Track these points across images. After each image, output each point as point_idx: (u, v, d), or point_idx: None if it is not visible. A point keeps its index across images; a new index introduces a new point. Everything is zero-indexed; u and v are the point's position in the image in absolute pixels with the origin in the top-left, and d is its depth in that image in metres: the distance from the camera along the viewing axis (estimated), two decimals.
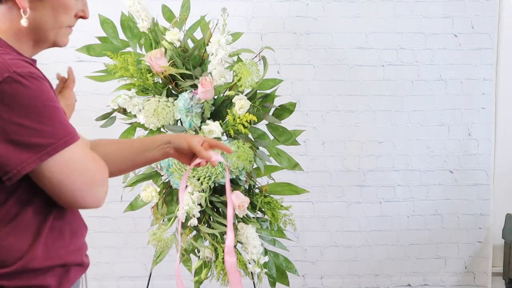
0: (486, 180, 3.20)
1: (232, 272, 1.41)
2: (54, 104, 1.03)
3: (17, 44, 1.11)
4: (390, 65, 3.11)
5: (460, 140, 3.18)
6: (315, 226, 3.19)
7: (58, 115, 1.03)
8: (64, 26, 1.14)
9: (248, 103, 2.11)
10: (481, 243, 3.24)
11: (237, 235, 2.19)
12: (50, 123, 1.01)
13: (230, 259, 1.40)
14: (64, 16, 1.13)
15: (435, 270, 3.26)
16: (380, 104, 3.12)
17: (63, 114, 1.05)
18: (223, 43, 2.09)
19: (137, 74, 2.14)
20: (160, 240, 2.15)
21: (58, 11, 1.11)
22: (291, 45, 3.06)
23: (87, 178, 1.07)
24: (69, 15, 1.14)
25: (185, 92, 2.13)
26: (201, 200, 2.14)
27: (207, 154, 1.37)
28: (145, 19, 2.17)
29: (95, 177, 1.08)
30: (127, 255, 3.14)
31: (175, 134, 1.42)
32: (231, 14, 2.21)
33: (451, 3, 3.08)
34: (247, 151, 2.12)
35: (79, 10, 1.17)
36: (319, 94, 3.10)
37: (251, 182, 2.24)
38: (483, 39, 3.11)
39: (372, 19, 3.07)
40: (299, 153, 3.04)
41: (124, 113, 2.23)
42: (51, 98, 1.03)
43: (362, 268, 3.24)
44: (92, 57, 2.34)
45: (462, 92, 3.14)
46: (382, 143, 3.16)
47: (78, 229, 1.18)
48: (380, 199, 3.19)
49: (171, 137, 1.39)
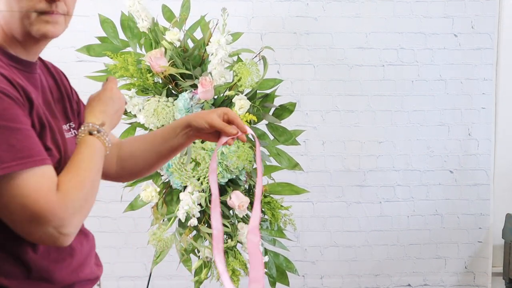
0: (486, 180, 3.20)
1: (254, 253, 1.26)
2: (6, 124, 0.94)
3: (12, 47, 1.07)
4: (390, 65, 3.11)
5: (460, 140, 3.17)
6: (315, 226, 3.19)
7: (9, 137, 0.94)
8: (29, 11, 1.03)
9: (248, 103, 2.11)
10: (481, 243, 3.24)
11: (237, 235, 2.19)
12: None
13: (254, 238, 1.26)
14: (22, 0, 1.02)
15: (435, 270, 3.26)
16: (380, 104, 3.12)
17: (19, 135, 0.95)
18: (223, 43, 2.09)
19: (137, 74, 2.14)
20: (160, 240, 2.15)
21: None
22: (291, 45, 3.06)
23: (28, 212, 0.95)
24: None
25: (185, 92, 2.13)
26: (201, 200, 2.14)
27: (232, 130, 1.23)
28: (145, 19, 2.17)
29: (38, 214, 0.95)
30: (127, 255, 3.14)
31: (193, 114, 1.30)
32: (231, 14, 2.21)
33: (451, 3, 3.08)
34: (247, 151, 2.12)
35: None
36: (319, 94, 3.10)
37: (251, 182, 2.24)
38: (483, 39, 3.11)
39: (372, 19, 3.07)
40: (299, 153, 3.03)
41: (124, 113, 2.23)
42: (7, 117, 0.94)
43: (362, 268, 3.23)
44: (92, 57, 2.34)
45: (462, 92, 3.14)
46: (382, 143, 3.16)
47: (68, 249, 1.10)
48: (380, 199, 3.19)
49: (189, 119, 1.28)
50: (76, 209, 0.99)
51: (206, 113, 1.27)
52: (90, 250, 1.20)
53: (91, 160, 1.07)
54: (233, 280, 2.16)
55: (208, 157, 2.11)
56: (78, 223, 1.01)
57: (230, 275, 2.15)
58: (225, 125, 1.24)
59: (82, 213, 1.02)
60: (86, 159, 1.07)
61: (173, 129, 1.31)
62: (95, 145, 1.10)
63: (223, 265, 1.27)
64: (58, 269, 1.09)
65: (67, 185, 1.00)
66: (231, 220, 2.19)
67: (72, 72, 2.99)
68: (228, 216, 2.20)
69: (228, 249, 2.18)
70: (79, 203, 1.00)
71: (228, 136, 1.24)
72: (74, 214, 0.99)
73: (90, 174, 1.05)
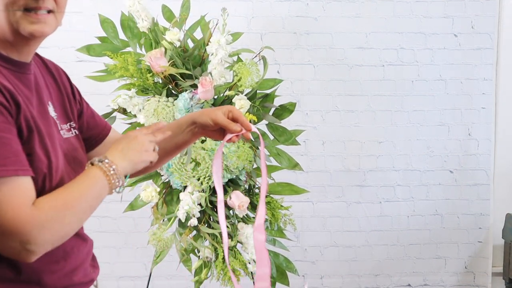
0: (486, 180, 3.20)
1: (260, 251, 1.28)
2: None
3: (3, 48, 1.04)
4: (390, 65, 3.11)
5: (460, 140, 3.18)
6: (315, 226, 3.19)
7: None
8: (14, 9, 1.01)
9: (248, 103, 2.11)
10: (481, 243, 3.24)
11: (236, 235, 2.19)
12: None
13: (259, 236, 1.27)
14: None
15: (435, 270, 3.26)
16: (380, 104, 3.12)
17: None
18: (223, 43, 2.09)
19: (137, 74, 2.14)
20: (160, 240, 2.15)
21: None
22: (291, 45, 3.06)
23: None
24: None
25: (185, 92, 2.13)
26: (201, 200, 2.14)
27: (236, 127, 1.24)
28: (145, 19, 2.17)
29: (4, 226, 0.93)
30: (127, 255, 3.14)
31: (198, 112, 1.31)
32: (231, 14, 2.21)
33: (451, 3, 3.08)
34: (247, 151, 2.12)
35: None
36: (319, 94, 3.10)
37: (251, 182, 2.25)
38: (483, 39, 3.11)
39: (372, 19, 3.07)
40: (299, 153, 3.04)
41: (124, 113, 2.23)
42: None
43: (362, 268, 3.23)
44: (92, 57, 2.34)
45: (462, 92, 3.14)
46: (382, 143, 3.16)
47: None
48: (380, 199, 3.19)
49: (194, 116, 1.29)
50: (46, 228, 0.96)
51: (211, 110, 1.27)
52: (87, 254, 1.19)
53: (83, 188, 1.04)
54: None
55: (208, 157, 2.11)
56: (46, 244, 0.97)
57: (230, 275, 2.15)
58: (230, 122, 1.24)
59: (54, 235, 0.98)
60: (78, 186, 1.04)
61: (179, 126, 1.31)
62: (95, 176, 1.06)
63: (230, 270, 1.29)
64: (49, 272, 1.07)
65: (45, 204, 0.98)
66: (231, 220, 2.19)
67: (72, 72, 2.99)
68: (228, 216, 2.20)
69: (228, 249, 2.18)
70: (51, 225, 0.97)
71: (232, 134, 1.24)
72: (44, 234, 0.96)
73: (76, 201, 1.02)
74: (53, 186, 1.04)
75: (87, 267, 1.18)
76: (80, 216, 1.03)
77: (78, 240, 1.15)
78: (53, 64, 1.25)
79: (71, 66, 2.98)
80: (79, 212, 1.03)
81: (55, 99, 1.18)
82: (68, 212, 1.00)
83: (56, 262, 1.09)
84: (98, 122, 1.34)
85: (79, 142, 1.22)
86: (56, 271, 1.09)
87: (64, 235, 1.01)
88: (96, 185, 1.06)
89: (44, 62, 1.22)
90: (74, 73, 3.19)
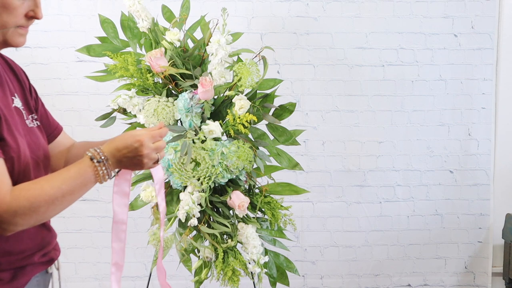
0: (486, 180, 3.21)
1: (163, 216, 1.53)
2: None
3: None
4: (390, 65, 3.11)
5: (460, 140, 3.18)
6: (315, 226, 3.19)
7: None
8: (10, 26, 1.12)
9: (248, 103, 2.11)
10: (481, 243, 3.24)
11: (236, 235, 2.19)
12: None
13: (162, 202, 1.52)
14: (7, 16, 1.11)
15: (435, 270, 3.26)
16: (380, 104, 3.12)
17: None
18: (223, 43, 2.09)
19: (137, 74, 2.14)
20: (160, 240, 2.15)
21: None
22: (291, 45, 3.06)
23: None
24: (13, 16, 1.11)
25: (185, 92, 2.13)
26: (201, 200, 2.14)
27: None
28: (145, 19, 2.17)
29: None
30: (127, 255, 3.10)
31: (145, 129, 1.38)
32: (231, 14, 2.21)
33: (451, 3, 3.08)
34: (247, 151, 2.12)
35: (29, 10, 1.14)
36: (319, 94, 3.10)
37: (251, 182, 2.24)
38: (483, 39, 3.11)
39: (372, 19, 3.07)
40: (299, 153, 3.04)
41: (124, 113, 2.23)
42: None
43: (362, 268, 3.24)
44: (92, 57, 2.34)
45: (462, 92, 3.14)
46: (382, 143, 3.16)
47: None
48: (380, 199, 3.19)
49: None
50: (18, 215, 1.06)
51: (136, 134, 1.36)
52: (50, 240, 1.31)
53: (67, 181, 1.12)
54: (233, 280, 2.16)
55: (208, 157, 2.11)
56: (18, 226, 1.08)
57: (230, 275, 2.15)
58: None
59: (27, 219, 1.08)
60: (63, 178, 1.13)
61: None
62: (85, 172, 1.15)
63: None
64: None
65: (21, 192, 1.07)
66: (231, 220, 2.19)
67: (72, 72, 3.02)
68: (228, 216, 2.20)
69: (228, 249, 2.18)
70: (23, 211, 1.06)
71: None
72: (15, 219, 1.06)
73: (53, 192, 1.10)
74: (20, 170, 1.13)
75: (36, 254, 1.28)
76: (57, 204, 1.12)
77: (43, 230, 1.27)
78: (12, 61, 1.33)
79: (71, 66, 3.00)
80: (57, 202, 1.11)
81: (19, 92, 1.27)
82: (44, 201, 1.09)
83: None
84: (51, 122, 1.42)
85: (41, 132, 1.31)
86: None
87: (41, 219, 1.11)
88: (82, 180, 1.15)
89: (5, 60, 1.30)
90: (74, 73, 3.21)
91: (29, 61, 2.89)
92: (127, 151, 1.20)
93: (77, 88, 3.02)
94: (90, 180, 1.16)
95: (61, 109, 2.99)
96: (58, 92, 2.98)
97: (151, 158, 1.24)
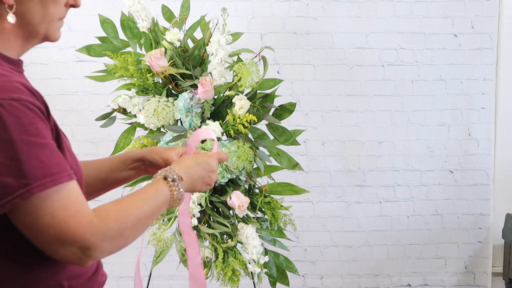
0: (486, 180, 3.20)
1: (186, 233, 1.40)
2: (34, 139, 0.90)
3: (2, 45, 1.00)
4: (390, 65, 3.11)
5: (460, 140, 3.18)
6: (315, 226, 3.19)
7: (38, 153, 0.90)
8: (56, 18, 1.04)
9: (248, 103, 2.11)
10: (481, 243, 3.24)
11: (236, 235, 2.19)
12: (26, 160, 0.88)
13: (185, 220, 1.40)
14: (54, 7, 1.02)
15: (435, 270, 3.26)
16: (380, 104, 3.12)
17: (46, 151, 0.92)
18: (223, 43, 2.09)
19: (137, 74, 2.14)
20: (160, 240, 2.15)
21: (47, 2, 1.01)
22: (291, 45, 3.06)
23: (53, 232, 0.92)
24: (59, 6, 1.03)
25: (185, 92, 2.13)
26: (201, 200, 2.14)
27: None
28: (145, 19, 2.17)
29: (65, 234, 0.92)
30: (127, 255, 3.12)
31: (147, 149, 1.31)
32: (231, 14, 2.21)
33: (451, 3, 3.08)
34: (247, 151, 2.12)
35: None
36: (319, 94, 3.10)
37: (251, 182, 2.24)
38: (483, 39, 3.11)
39: (372, 19, 3.07)
40: (299, 153, 3.04)
41: (124, 113, 2.23)
42: (33, 132, 0.90)
43: (362, 268, 3.23)
44: (92, 57, 2.34)
45: (462, 92, 3.14)
46: (382, 143, 3.16)
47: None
48: (380, 199, 3.19)
49: (144, 152, 1.29)
50: (107, 238, 0.96)
51: (163, 149, 1.29)
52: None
53: (148, 202, 1.05)
54: (233, 280, 2.16)
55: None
56: (105, 252, 0.97)
57: (230, 275, 2.15)
58: None
59: (112, 244, 0.98)
60: (143, 199, 1.05)
61: (122, 161, 1.30)
62: (162, 192, 1.09)
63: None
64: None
65: (108, 214, 0.98)
66: (231, 220, 2.19)
67: (72, 72, 3.02)
68: (228, 216, 2.20)
69: (228, 249, 2.18)
70: (112, 234, 0.96)
71: None
72: (104, 243, 0.96)
73: (138, 213, 1.02)
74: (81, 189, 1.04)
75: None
76: (139, 226, 1.04)
77: None
78: None
79: (71, 66, 3.00)
80: (139, 223, 1.03)
81: None
82: (128, 223, 1.00)
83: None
84: None
85: None
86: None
87: (123, 243, 1.01)
88: (160, 200, 1.08)
89: None
90: (74, 73, 3.21)
91: (29, 61, 2.90)
92: (200, 168, 1.18)
93: (77, 88, 3.02)
94: (166, 201, 1.09)
95: (61, 109, 2.99)
96: (58, 92, 2.98)
97: (215, 177, 1.23)
